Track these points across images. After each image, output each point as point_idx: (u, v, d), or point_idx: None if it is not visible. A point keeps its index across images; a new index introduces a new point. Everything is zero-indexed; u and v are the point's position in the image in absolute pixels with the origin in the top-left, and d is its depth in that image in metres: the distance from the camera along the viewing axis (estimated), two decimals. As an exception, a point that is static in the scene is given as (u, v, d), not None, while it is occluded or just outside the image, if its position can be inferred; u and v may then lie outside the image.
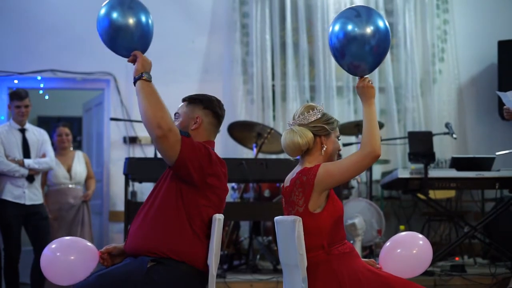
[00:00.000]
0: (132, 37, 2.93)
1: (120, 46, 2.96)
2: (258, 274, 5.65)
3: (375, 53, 2.84)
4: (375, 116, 2.90)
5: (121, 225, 6.36)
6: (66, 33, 7.15)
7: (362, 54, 2.84)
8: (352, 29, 2.82)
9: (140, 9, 2.97)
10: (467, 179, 5.79)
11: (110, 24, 2.90)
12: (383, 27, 2.85)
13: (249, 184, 6.12)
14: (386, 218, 6.96)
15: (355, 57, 2.86)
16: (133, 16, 2.92)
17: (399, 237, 3.27)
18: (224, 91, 7.28)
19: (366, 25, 2.82)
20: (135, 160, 5.52)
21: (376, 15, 2.87)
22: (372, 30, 2.82)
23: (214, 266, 2.91)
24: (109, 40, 2.95)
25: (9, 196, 5.52)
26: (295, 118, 3.00)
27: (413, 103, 7.49)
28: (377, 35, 2.82)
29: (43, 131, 5.89)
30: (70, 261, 2.94)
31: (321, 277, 2.83)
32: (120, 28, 2.90)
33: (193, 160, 2.82)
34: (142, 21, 2.95)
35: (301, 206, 2.88)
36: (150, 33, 3.00)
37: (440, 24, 7.64)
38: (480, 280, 5.42)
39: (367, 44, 2.81)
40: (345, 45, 2.84)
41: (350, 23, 2.83)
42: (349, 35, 2.82)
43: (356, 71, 2.94)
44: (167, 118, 2.79)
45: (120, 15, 2.90)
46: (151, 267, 2.80)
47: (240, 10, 7.41)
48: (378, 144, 2.84)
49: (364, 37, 2.81)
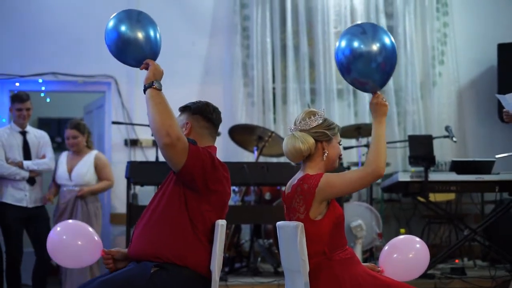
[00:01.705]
0: (142, 50, 2.97)
1: (130, 58, 3.01)
2: (259, 277, 5.67)
3: (382, 70, 2.85)
4: (383, 134, 2.88)
5: (122, 228, 6.37)
6: (67, 36, 7.16)
7: (369, 71, 2.85)
8: (358, 46, 2.83)
9: (148, 22, 2.99)
10: (467, 183, 5.81)
11: (119, 37, 2.95)
12: (389, 44, 2.85)
13: (250, 187, 6.13)
14: (386, 221, 6.99)
15: (361, 74, 2.87)
16: (142, 30, 2.96)
17: (396, 241, 3.31)
18: (224, 94, 7.29)
19: (372, 42, 2.83)
20: (137, 163, 5.52)
21: (382, 32, 2.87)
22: (378, 47, 2.82)
23: (217, 272, 2.93)
24: (118, 53, 3.00)
25: (10, 199, 5.54)
26: (297, 123, 3.02)
27: (413, 105, 7.50)
28: (383, 52, 2.83)
29: (44, 133, 5.91)
30: (77, 244, 3.05)
31: (323, 282, 2.85)
32: (129, 41, 2.94)
33: (198, 167, 2.85)
34: (150, 35, 2.98)
35: (302, 213, 2.90)
36: (159, 45, 3.03)
37: (440, 27, 7.66)
38: (480, 283, 5.44)
39: (374, 62, 2.82)
40: (352, 61, 2.85)
41: (356, 40, 2.84)
42: (355, 52, 2.83)
43: (365, 88, 2.95)
44: (176, 127, 2.82)
45: (129, 29, 2.95)
46: (155, 272, 2.82)
47: (240, 13, 7.42)
48: (383, 164, 2.83)
49: (370, 54, 2.82)
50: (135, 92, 7.20)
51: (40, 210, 5.67)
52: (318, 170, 2.97)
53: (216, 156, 3.00)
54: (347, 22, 7.49)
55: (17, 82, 7.10)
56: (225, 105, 7.16)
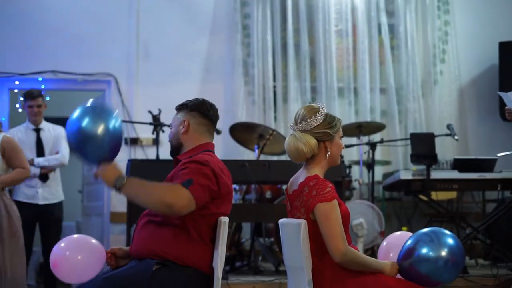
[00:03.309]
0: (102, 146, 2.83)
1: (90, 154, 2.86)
2: (260, 276, 5.65)
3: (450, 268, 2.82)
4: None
5: (122, 226, 6.34)
6: (67, 34, 7.15)
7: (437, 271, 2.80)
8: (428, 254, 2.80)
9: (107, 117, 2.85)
10: (469, 181, 5.79)
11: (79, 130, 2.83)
12: (454, 245, 2.83)
13: (251, 186, 6.11)
14: (388, 219, 6.97)
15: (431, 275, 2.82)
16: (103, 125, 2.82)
17: (393, 237, 3.29)
18: (225, 93, 7.28)
19: (440, 248, 2.80)
20: (138, 162, 5.49)
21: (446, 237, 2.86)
22: (447, 252, 2.80)
23: (220, 269, 2.92)
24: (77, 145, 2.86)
25: (22, 197, 5.50)
26: (297, 122, 2.96)
27: (414, 104, 7.49)
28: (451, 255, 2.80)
29: (60, 128, 5.80)
30: (78, 260, 2.95)
31: (326, 280, 2.83)
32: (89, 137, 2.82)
33: (206, 197, 2.85)
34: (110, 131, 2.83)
35: (303, 214, 2.88)
36: (119, 142, 2.92)
37: (441, 25, 7.64)
38: (482, 282, 5.41)
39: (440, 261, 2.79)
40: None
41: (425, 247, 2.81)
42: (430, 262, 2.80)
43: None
44: (168, 191, 2.76)
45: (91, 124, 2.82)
46: (157, 270, 2.81)
47: (241, 11, 7.41)
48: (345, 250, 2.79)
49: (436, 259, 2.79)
50: (135, 91, 7.19)
51: (52, 208, 5.62)
52: (321, 169, 2.95)
53: (216, 164, 2.95)
54: (348, 20, 7.49)
55: (17, 81, 7.08)
56: (225, 103, 7.15)
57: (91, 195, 7.52)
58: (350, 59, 7.49)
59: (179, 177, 2.84)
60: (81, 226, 7.67)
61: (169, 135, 3.13)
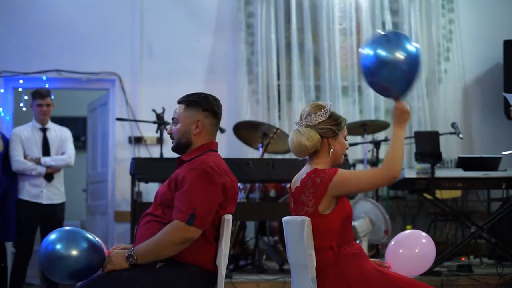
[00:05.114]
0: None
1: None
2: (264, 274, 5.65)
3: (406, 78, 2.83)
4: (403, 139, 2.88)
5: (127, 225, 6.35)
6: (71, 33, 7.15)
7: (394, 78, 2.82)
8: (385, 55, 2.80)
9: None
10: (474, 179, 5.78)
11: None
12: (414, 52, 2.83)
13: (255, 184, 6.11)
14: (392, 218, 6.95)
15: (386, 80, 2.83)
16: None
17: (402, 236, 3.29)
18: (229, 91, 7.27)
19: (396, 50, 2.80)
20: (142, 160, 5.50)
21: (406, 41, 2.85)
22: (405, 56, 2.79)
23: (223, 266, 2.91)
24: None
25: (26, 196, 5.52)
26: (303, 118, 2.98)
27: (419, 102, 7.47)
28: (408, 60, 2.80)
29: (66, 129, 5.85)
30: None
31: (330, 278, 2.82)
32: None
33: (211, 218, 2.86)
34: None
35: (310, 207, 2.87)
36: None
37: (445, 23, 7.62)
38: (487, 280, 5.40)
39: (398, 69, 2.79)
40: (378, 68, 2.82)
41: (382, 48, 2.81)
42: (381, 59, 2.80)
43: (386, 94, 2.94)
44: (176, 235, 2.77)
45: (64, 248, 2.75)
46: (160, 268, 2.81)
47: (245, 10, 7.40)
48: (399, 168, 2.82)
49: (395, 62, 2.79)
50: (139, 89, 7.19)
51: (55, 208, 5.62)
52: (324, 165, 2.95)
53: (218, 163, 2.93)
54: (352, 19, 7.48)
55: (21, 80, 7.09)
56: (229, 102, 7.14)
57: (95, 194, 7.53)
58: (354, 57, 7.48)
59: (182, 197, 2.81)
60: (86, 225, 7.67)
61: (174, 130, 3.02)
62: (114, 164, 7.15)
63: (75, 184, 7.89)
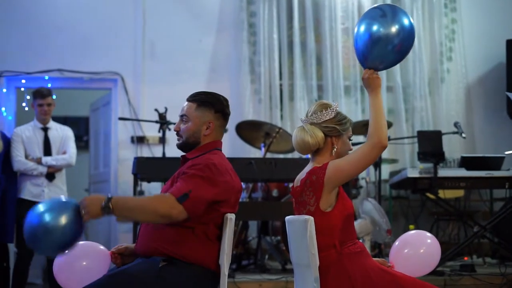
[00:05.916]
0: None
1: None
2: (266, 274, 5.64)
3: (398, 51, 2.83)
4: (381, 106, 2.87)
5: (129, 224, 6.34)
6: (73, 33, 7.16)
7: (384, 53, 2.84)
8: (377, 29, 2.80)
9: None
10: (477, 179, 5.77)
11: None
12: (408, 25, 2.83)
13: (257, 184, 6.11)
14: (395, 218, 6.96)
15: (376, 57, 2.86)
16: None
17: (407, 236, 3.28)
18: (231, 91, 7.27)
19: (391, 24, 2.80)
20: (144, 159, 5.49)
21: (402, 13, 2.85)
22: (397, 29, 2.80)
23: (226, 266, 2.91)
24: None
25: (27, 195, 5.52)
26: (308, 115, 2.98)
27: (421, 102, 7.48)
28: (401, 33, 2.80)
29: (67, 128, 5.85)
30: (83, 266, 2.94)
31: (333, 276, 2.82)
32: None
33: (202, 208, 2.81)
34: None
35: (312, 205, 2.87)
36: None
37: (448, 23, 7.62)
38: (490, 280, 5.39)
39: (390, 44, 2.80)
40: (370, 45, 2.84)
41: (376, 24, 2.82)
42: (373, 36, 2.81)
43: (363, 64, 2.95)
44: (160, 204, 2.73)
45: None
46: (163, 267, 2.79)
47: (247, 9, 7.40)
48: (385, 135, 2.81)
49: (388, 36, 2.80)
50: (142, 89, 7.20)
51: None
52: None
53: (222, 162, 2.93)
54: (354, 18, 7.47)
55: (23, 79, 7.09)
56: (232, 102, 6.99)
57: (98, 193, 7.51)
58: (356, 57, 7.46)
59: (182, 180, 2.81)
60: (88, 224, 7.67)
61: (182, 128, 2.99)
62: (116, 163, 7.15)
63: (77, 184, 7.88)
